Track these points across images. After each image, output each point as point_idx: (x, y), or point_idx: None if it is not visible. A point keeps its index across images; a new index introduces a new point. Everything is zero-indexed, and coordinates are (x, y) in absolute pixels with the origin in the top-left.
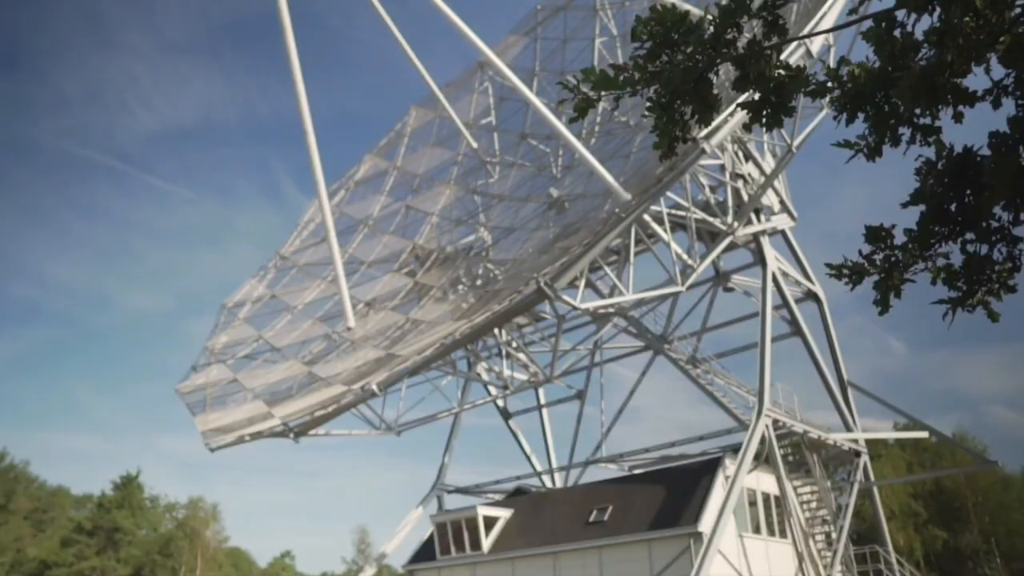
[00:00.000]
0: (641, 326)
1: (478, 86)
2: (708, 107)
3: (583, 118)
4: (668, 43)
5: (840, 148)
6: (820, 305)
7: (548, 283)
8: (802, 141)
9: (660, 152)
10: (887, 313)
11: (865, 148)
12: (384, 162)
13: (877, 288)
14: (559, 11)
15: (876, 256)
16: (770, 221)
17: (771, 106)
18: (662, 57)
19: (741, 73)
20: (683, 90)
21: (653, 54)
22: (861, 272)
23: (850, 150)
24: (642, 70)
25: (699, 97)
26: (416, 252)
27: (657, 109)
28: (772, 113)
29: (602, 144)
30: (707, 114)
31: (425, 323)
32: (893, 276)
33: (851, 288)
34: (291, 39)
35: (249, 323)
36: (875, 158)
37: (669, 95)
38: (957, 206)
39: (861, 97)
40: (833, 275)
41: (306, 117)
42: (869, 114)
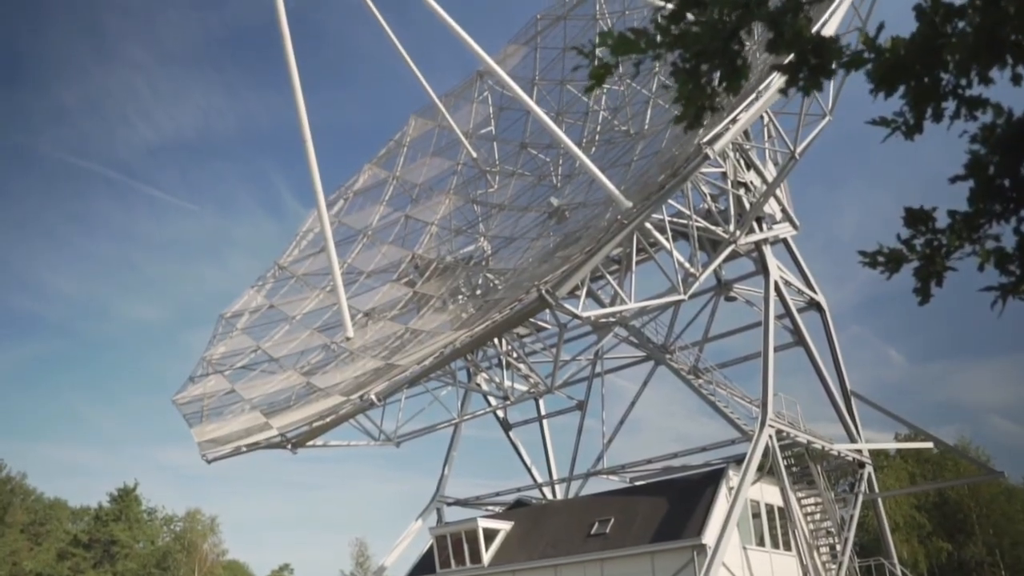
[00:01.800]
0: (642, 336)
1: (477, 96)
2: (737, 72)
3: (600, 85)
4: (694, 1)
5: (876, 126)
6: (823, 314)
7: (549, 291)
8: (805, 147)
9: (685, 123)
10: (927, 303)
11: (903, 125)
12: (383, 172)
13: (917, 275)
14: (559, 20)
15: (916, 240)
16: (772, 229)
17: (809, 68)
18: (687, 17)
19: (775, 33)
20: (711, 50)
21: (677, 14)
22: (899, 259)
23: (886, 128)
24: (665, 32)
25: (728, 59)
26: (415, 262)
27: (681, 75)
28: (811, 76)
29: (602, 153)
30: (736, 80)
31: (424, 333)
32: (935, 262)
33: (888, 277)
34: (290, 50)
35: (247, 333)
36: (913, 136)
37: (694, 58)
38: (1012, 181)
39: (901, 68)
40: (867, 263)
41: (305, 127)
42: (909, 87)
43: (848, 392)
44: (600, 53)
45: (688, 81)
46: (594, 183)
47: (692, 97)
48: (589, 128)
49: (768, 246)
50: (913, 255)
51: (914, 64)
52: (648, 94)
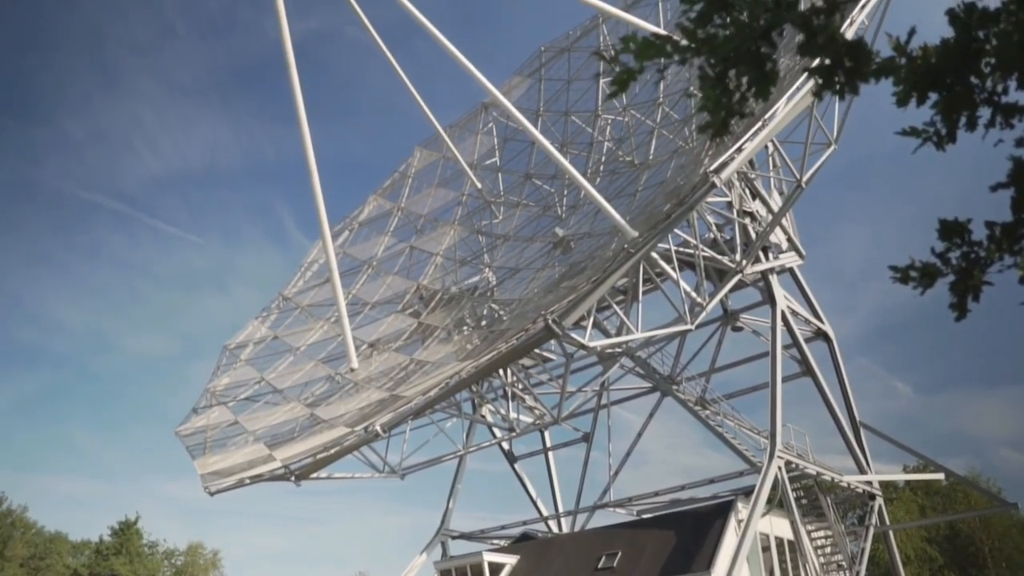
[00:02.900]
0: (648, 367)
1: (482, 127)
2: (766, 78)
3: (624, 91)
4: (721, 4)
5: (905, 136)
6: (830, 344)
7: (556, 320)
8: (812, 176)
9: (711, 131)
10: (964, 318)
11: (934, 136)
12: (388, 203)
13: (953, 290)
14: (562, 52)
15: (951, 253)
16: (778, 259)
17: (845, 71)
18: (714, 20)
19: (807, 35)
20: (741, 54)
21: (704, 16)
22: (933, 273)
23: (916, 138)
24: (691, 36)
25: (757, 64)
26: (420, 293)
27: (708, 80)
28: (848, 79)
29: (607, 183)
30: (765, 86)
31: (429, 364)
32: (973, 275)
33: (921, 292)
34: (296, 81)
35: (251, 365)
36: (945, 146)
37: (722, 63)
38: None
39: (933, 75)
40: (898, 279)
41: (311, 158)
42: (941, 95)
43: (857, 423)
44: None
45: (715, 87)
46: (599, 213)
47: (719, 104)
48: (593, 159)
49: (774, 275)
50: (948, 269)
51: (947, 71)
52: (652, 124)
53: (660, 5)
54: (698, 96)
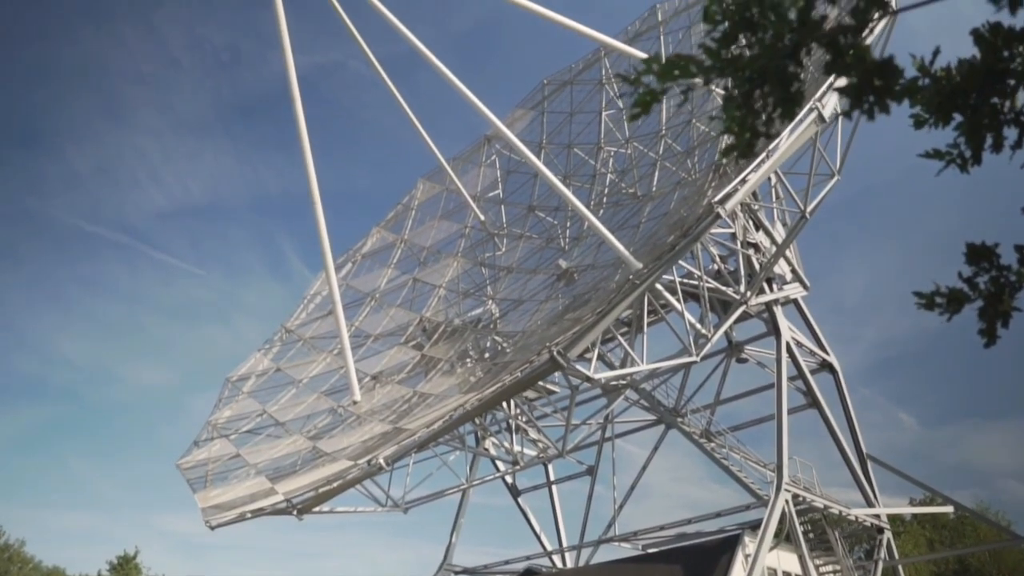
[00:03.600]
0: (653, 399)
1: (485, 159)
2: (792, 98)
3: (646, 114)
4: (746, 23)
5: (928, 159)
6: (835, 376)
7: (561, 352)
8: (815, 207)
9: (737, 151)
10: (993, 345)
11: (958, 158)
12: (391, 235)
13: (982, 316)
14: (565, 85)
15: (979, 279)
16: (782, 290)
17: (875, 90)
18: (739, 40)
19: (834, 55)
20: (769, 72)
21: (728, 37)
22: (960, 299)
23: (940, 160)
24: (715, 56)
25: (784, 84)
26: (423, 325)
27: (732, 101)
28: (878, 99)
29: (610, 215)
30: (791, 106)
31: (432, 396)
32: (1003, 300)
33: (948, 319)
34: (301, 114)
35: (253, 397)
36: (969, 167)
37: (748, 83)
38: None
39: (959, 95)
40: (923, 305)
41: (314, 190)
42: (965, 116)
43: (864, 455)
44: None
45: (740, 108)
46: (602, 245)
47: (744, 125)
48: (596, 191)
49: (779, 307)
50: (977, 294)
51: (971, 91)
52: (655, 156)
53: (662, 39)
54: (721, 118)
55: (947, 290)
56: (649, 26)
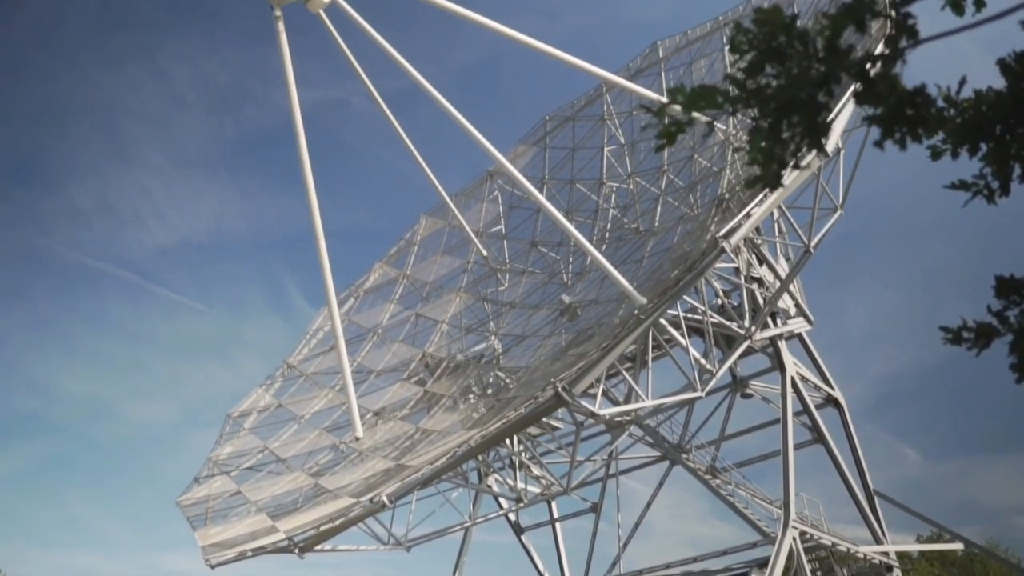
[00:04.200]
0: (657, 435)
1: (488, 195)
2: (819, 128)
3: (671, 145)
4: (773, 53)
5: (954, 190)
6: (841, 411)
7: (566, 388)
8: (819, 241)
9: (764, 182)
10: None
11: (984, 189)
12: (394, 270)
13: (1014, 351)
14: (567, 121)
15: (1009, 312)
16: (787, 325)
17: (906, 120)
18: (766, 69)
19: (864, 85)
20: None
21: (755, 66)
22: (990, 333)
23: (966, 191)
24: (742, 86)
25: (812, 114)
26: (426, 361)
27: (760, 132)
28: (911, 129)
29: (613, 250)
30: (818, 136)
31: (435, 433)
32: None
33: (976, 354)
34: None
35: (254, 433)
36: (996, 199)
37: (775, 113)
38: None
39: (986, 126)
40: (950, 340)
41: (318, 226)
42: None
43: (871, 491)
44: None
45: (767, 138)
46: (606, 280)
47: (771, 155)
48: (599, 226)
49: (783, 341)
50: (1007, 328)
51: (998, 121)
52: (657, 192)
53: (663, 75)
54: (746, 149)
55: (975, 324)
56: (650, 62)
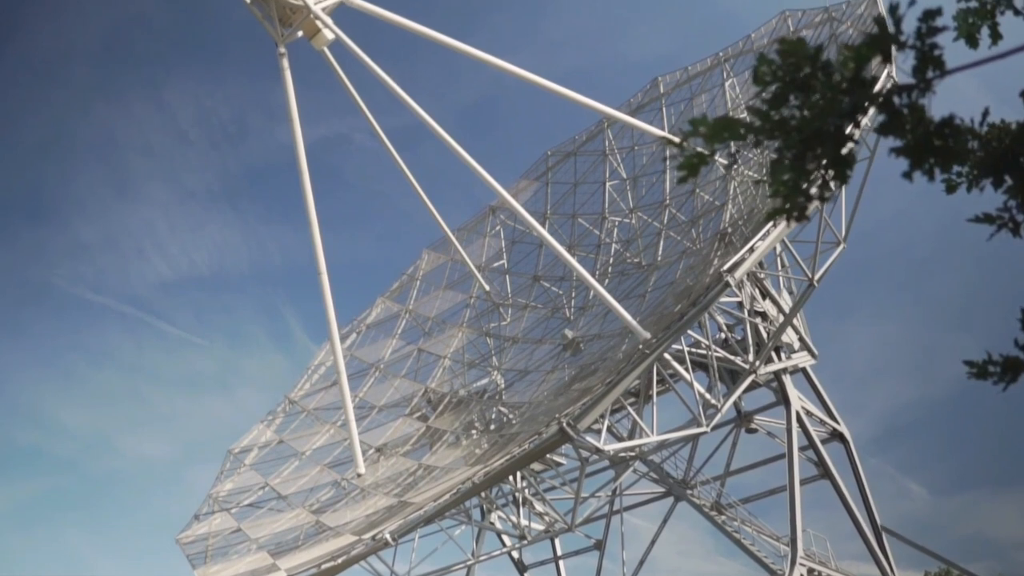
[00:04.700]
0: (662, 471)
1: (490, 230)
2: (844, 160)
3: (695, 176)
4: (797, 84)
5: (979, 223)
6: (847, 445)
7: (571, 423)
8: (823, 275)
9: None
10: None
11: (1010, 222)
12: (396, 305)
13: None
14: (569, 156)
15: None
16: (791, 359)
17: (934, 151)
18: (789, 100)
19: (889, 116)
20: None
21: (779, 98)
22: (1018, 367)
23: (990, 224)
24: (765, 117)
25: (838, 145)
26: (428, 396)
27: (784, 164)
28: (941, 160)
29: (615, 284)
30: (844, 168)
31: (438, 469)
32: None
33: (1004, 388)
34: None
35: (255, 469)
36: (1022, 232)
37: (800, 144)
38: None
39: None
40: (975, 375)
41: (320, 260)
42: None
43: (879, 527)
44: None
45: (791, 171)
46: (609, 314)
47: (796, 188)
48: (601, 260)
49: (787, 375)
50: None
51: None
52: (659, 226)
53: (663, 110)
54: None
55: (1001, 358)
56: (651, 98)
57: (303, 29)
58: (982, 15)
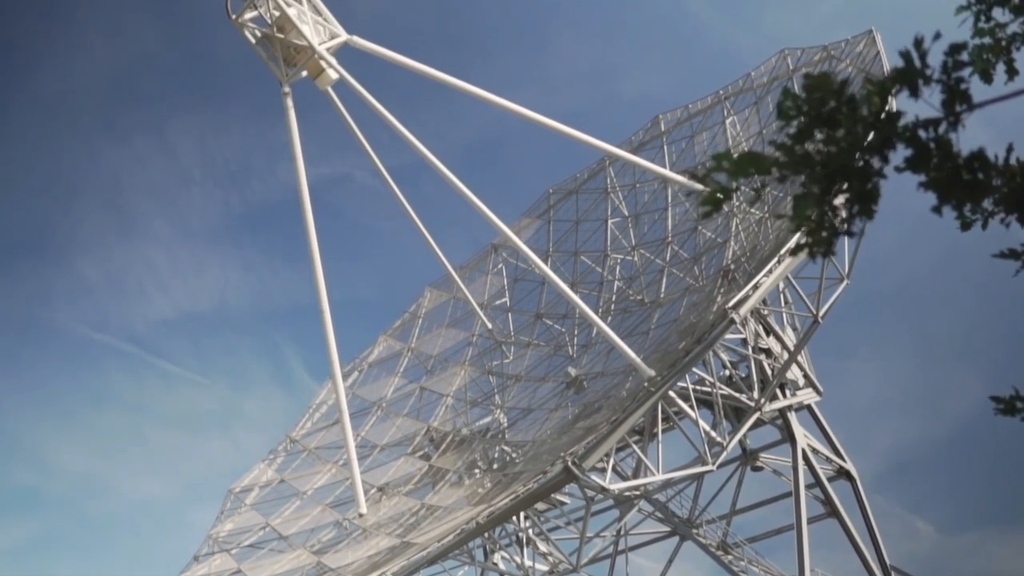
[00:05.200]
0: (667, 510)
1: (492, 268)
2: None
3: (717, 211)
4: (823, 119)
5: (1004, 259)
6: (853, 483)
7: (576, 463)
8: (827, 310)
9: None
10: None
11: None
12: (398, 343)
13: None
14: (570, 194)
15: None
16: (795, 396)
17: (962, 186)
18: (814, 135)
19: (916, 150)
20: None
21: (804, 132)
22: None
23: (1015, 260)
24: (789, 152)
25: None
26: (430, 435)
27: (810, 198)
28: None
29: (619, 322)
30: (869, 203)
31: (441, 509)
32: None
33: None
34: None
35: (256, 509)
36: None
37: (825, 179)
38: None
39: None
40: (1001, 411)
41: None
42: None
43: (888, 566)
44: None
45: (816, 205)
46: (612, 352)
47: (821, 223)
48: (604, 298)
49: (793, 413)
50: None
51: None
52: (661, 263)
53: (664, 148)
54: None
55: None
56: (652, 135)
57: (307, 69)
58: (997, 51)
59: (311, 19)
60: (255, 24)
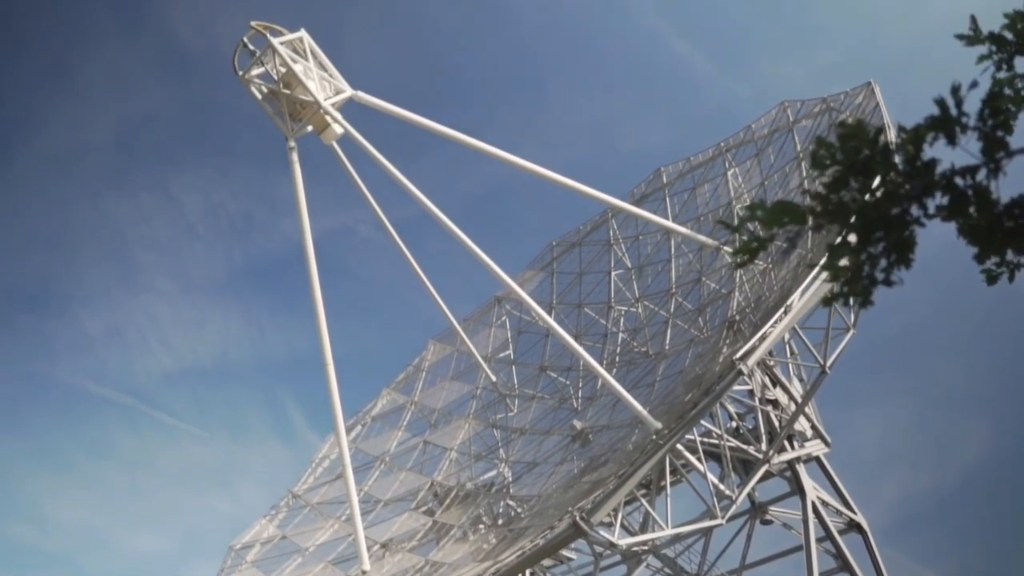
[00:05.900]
0: (676, 565)
1: (495, 320)
2: (905, 244)
3: (752, 262)
4: (858, 168)
5: None
6: (865, 536)
7: (584, 517)
8: (834, 361)
9: (850, 299)
10: None
11: None
12: (401, 397)
13: None
14: (573, 246)
15: None
16: (804, 447)
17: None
18: (850, 184)
19: (953, 198)
20: (889, 218)
21: (839, 181)
22: None
23: None
24: (824, 201)
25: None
26: (434, 489)
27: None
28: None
29: (623, 374)
30: (905, 252)
31: (446, 565)
32: None
33: None
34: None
35: (257, 567)
36: None
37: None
38: None
39: None
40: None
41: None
42: None
43: None
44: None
45: (852, 254)
46: (617, 404)
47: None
48: (608, 350)
49: (801, 464)
50: None
51: None
52: (666, 315)
53: (667, 200)
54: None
55: None
56: (654, 187)
57: (313, 124)
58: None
59: (316, 75)
60: (261, 80)
